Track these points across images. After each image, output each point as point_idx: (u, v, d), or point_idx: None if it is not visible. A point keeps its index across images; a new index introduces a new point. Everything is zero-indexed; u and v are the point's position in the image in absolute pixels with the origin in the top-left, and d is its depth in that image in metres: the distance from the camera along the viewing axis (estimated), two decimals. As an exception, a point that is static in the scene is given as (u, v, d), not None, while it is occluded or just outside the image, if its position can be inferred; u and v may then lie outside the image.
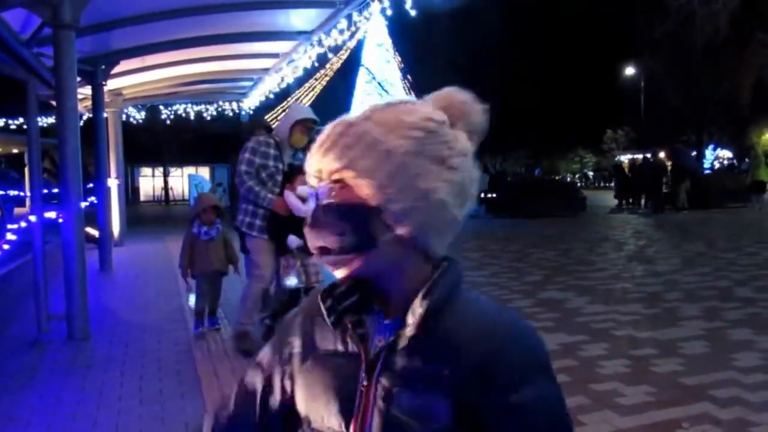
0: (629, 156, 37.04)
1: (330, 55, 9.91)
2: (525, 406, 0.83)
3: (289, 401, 0.98)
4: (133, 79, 10.99)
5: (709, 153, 30.67)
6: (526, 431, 0.84)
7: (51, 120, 16.65)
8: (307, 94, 32.93)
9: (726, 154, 39.55)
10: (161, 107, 18.10)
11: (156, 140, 36.10)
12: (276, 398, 1.00)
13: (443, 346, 0.86)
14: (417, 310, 0.87)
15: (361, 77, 30.55)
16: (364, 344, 0.91)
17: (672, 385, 3.92)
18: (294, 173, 4.55)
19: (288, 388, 0.98)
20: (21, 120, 21.93)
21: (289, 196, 4.40)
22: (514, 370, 0.84)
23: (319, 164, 0.91)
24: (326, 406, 0.90)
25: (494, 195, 19.28)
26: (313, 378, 0.93)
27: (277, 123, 4.69)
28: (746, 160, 31.95)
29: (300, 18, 8.44)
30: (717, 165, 32.27)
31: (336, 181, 0.89)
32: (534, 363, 0.87)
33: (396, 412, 0.85)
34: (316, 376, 0.93)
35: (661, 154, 21.44)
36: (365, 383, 0.88)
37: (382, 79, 29.68)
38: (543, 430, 0.84)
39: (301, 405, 0.95)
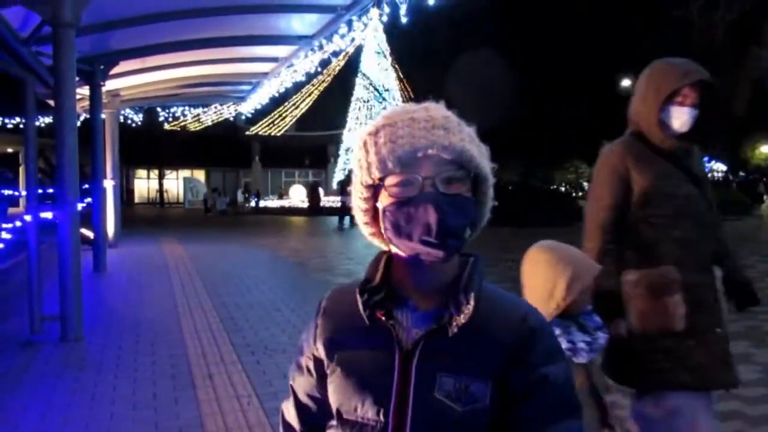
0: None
1: (332, 60, 9.92)
2: (547, 380, 0.95)
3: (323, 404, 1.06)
4: (132, 81, 10.95)
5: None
6: (545, 400, 0.95)
7: (47, 119, 16.57)
8: (304, 99, 32.97)
9: (720, 167, 39.74)
10: (158, 109, 18.05)
11: (152, 142, 36.03)
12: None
13: (484, 332, 0.96)
14: (463, 299, 0.95)
15: (359, 83, 30.56)
16: (397, 335, 0.97)
17: (671, 398, 3.89)
18: None
19: (319, 392, 1.06)
20: (17, 120, 21.85)
21: None
22: (544, 350, 0.97)
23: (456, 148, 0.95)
24: (362, 399, 0.96)
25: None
26: (345, 374, 0.99)
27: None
28: (740, 173, 32.16)
29: (300, 22, 8.44)
30: (713, 178, 32.40)
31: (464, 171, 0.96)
32: (557, 346, 1.01)
33: (440, 396, 0.93)
34: (349, 372, 0.99)
35: None
36: (401, 372, 0.95)
37: (379, 86, 29.71)
38: (563, 400, 0.96)
39: (335, 400, 1.01)
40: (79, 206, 5.58)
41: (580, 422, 0.97)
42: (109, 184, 11.22)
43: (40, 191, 7.67)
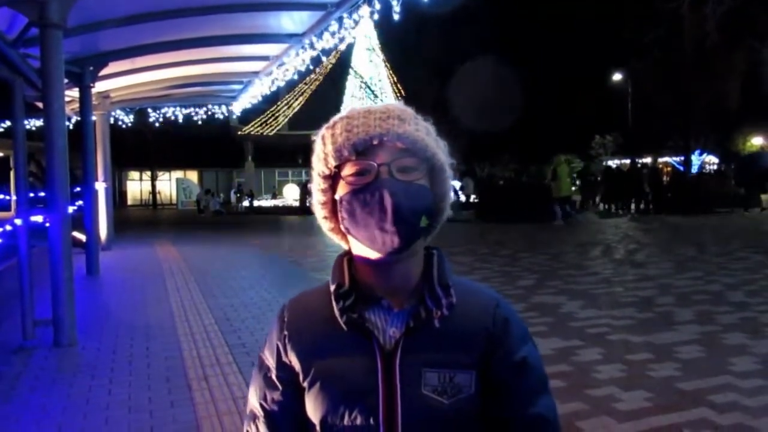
0: (617, 161, 37.29)
1: (323, 58, 9.88)
2: (526, 361, 1.00)
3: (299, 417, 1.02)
4: (122, 82, 10.86)
5: (695, 158, 30.88)
6: (528, 379, 0.99)
7: (38, 123, 16.44)
8: (296, 98, 32.88)
9: (712, 159, 39.83)
10: (150, 110, 17.93)
11: (144, 144, 35.85)
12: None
13: (462, 322, 0.97)
14: (441, 292, 0.96)
15: (351, 81, 30.48)
16: (376, 337, 0.96)
17: (669, 390, 3.89)
18: None
19: (296, 406, 1.01)
20: (7, 123, 21.66)
21: None
22: (518, 334, 1.01)
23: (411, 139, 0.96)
24: (349, 405, 0.94)
25: (483, 199, 19.37)
26: (328, 383, 0.96)
27: None
28: (732, 166, 32.20)
29: (291, 20, 8.39)
30: (707, 169, 32.50)
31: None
32: (526, 330, 1.04)
33: (426, 392, 0.93)
34: (331, 381, 0.96)
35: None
36: (385, 373, 0.94)
37: (371, 84, 29.65)
38: (537, 376, 1.01)
39: (319, 411, 0.97)
40: (71, 209, 5.52)
41: (552, 396, 1.03)
42: (100, 187, 11.15)
43: (30, 195, 7.62)
